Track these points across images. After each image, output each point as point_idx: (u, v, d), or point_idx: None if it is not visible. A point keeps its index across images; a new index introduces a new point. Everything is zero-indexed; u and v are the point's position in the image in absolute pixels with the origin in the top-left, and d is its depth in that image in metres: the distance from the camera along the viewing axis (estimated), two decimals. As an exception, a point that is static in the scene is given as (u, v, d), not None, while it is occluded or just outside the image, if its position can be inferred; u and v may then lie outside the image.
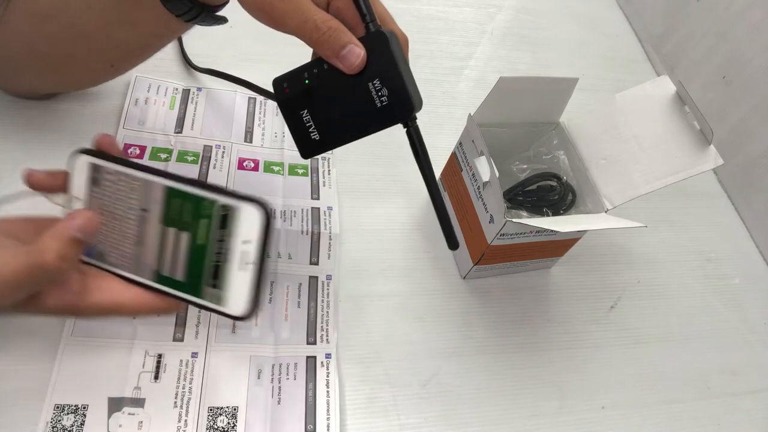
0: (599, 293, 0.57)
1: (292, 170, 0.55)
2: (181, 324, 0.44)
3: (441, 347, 0.50)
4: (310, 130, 0.39)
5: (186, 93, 0.57)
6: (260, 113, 0.59)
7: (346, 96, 0.37)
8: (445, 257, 0.55)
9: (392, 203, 0.57)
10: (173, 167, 0.51)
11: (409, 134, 0.37)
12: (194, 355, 0.43)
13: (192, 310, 0.44)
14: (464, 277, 0.54)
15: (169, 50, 0.61)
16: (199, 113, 0.56)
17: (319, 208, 0.54)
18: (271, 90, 0.39)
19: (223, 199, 0.33)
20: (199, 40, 0.61)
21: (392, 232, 0.55)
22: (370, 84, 0.36)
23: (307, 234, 0.52)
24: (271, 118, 0.59)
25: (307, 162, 0.56)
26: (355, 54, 0.35)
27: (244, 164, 0.54)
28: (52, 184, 0.36)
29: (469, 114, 0.49)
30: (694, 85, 0.74)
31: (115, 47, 0.43)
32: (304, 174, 0.55)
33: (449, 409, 0.47)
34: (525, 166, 0.55)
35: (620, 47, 0.84)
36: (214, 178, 0.52)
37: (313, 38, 0.35)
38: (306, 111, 0.38)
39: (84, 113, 0.53)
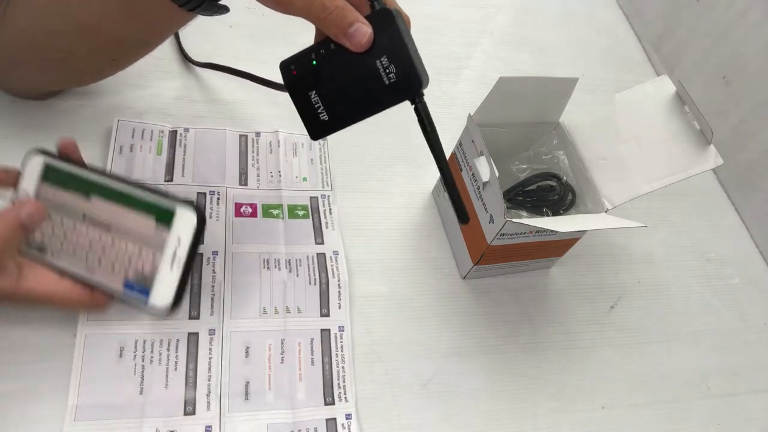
0: (599, 293, 0.57)
1: (292, 212, 0.53)
2: (191, 395, 0.42)
3: (441, 347, 0.50)
4: (319, 111, 0.38)
5: (173, 135, 0.54)
6: (253, 152, 0.55)
7: (354, 75, 0.37)
8: (445, 257, 0.55)
9: (392, 203, 0.57)
10: None
11: (416, 110, 0.37)
12: (208, 428, 0.41)
13: (201, 381, 0.43)
14: (464, 277, 0.54)
15: (168, 49, 0.61)
16: (189, 156, 0.53)
17: (324, 254, 0.51)
18: (271, 81, 0.39)
19: (162, 202, 0.38)
20: (199, 40, 0.61)
21: (392, 232, 0.55)
22: (378, 61, 0.36)
23: (314, 284, 0.49)
24: (265, 156, 0.55)
25: (307, 202, 0.54)
26: (362, 32, 0.35)
27: (242, 210, 0.51)
28: (4, 179, 0.40)
29: (469, 114, 0.49)
30: (694, 85, 0.74)
31: (116, 41, 0.43)
32: (305, 216, 0.53)
33: (449, 409, 0.47)
34: (525, 166, 0.55)
35: (620, 47, 0.84)
36: (210, 228, 0.50)
37: (320, 18, 0.35)
38: (314, 92, 0.38)
39: (84, 113, 0.53)
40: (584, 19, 0.85)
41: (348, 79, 0.37)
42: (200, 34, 0.62)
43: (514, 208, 0.54)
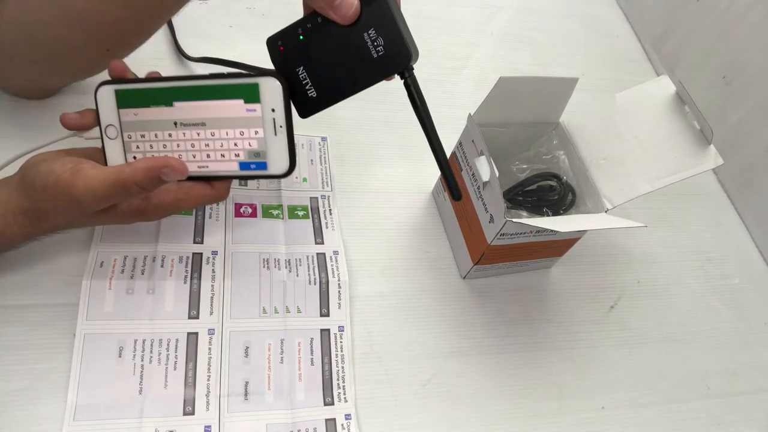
0: (599, 293, 0.57)
1: (292, 212, 0.53)
2: (190, 395, 0.42)
3: (441, 347, 0.50)
4: (307, 87, 0.38)
5: None
6: None
7: (342, 49, 0.36)
8: (445, 257, 0.55)
9: (392, 203, 0.57)
10: (167, 220, 0.48)
11: (406, 84, 0.36)
12: (207, 428, 0.41)
13: (201, 381, 0.43)
14: (464, 277, 0.54)
15: (167, 49, 0.61)
16: None
17: (324, 254, 0.51)
18: (262, 68, 0.39)
19: (242, 81, 0.38)
20: (198, 41, 0.61)
21: (392, 232, 0.55)
22: (365, 34, 0.35)
23: (314, 283, 0.49)
24: None
25: (307, 202, 0.54)
26: (348, 4, 0.35)
27: (241, 210, 0.51)
28: (83, 123, 0.41)
29: (469, 114, 0.49)
30: (694, 85, 0.74)
31: (109, 29, 0.43)
32: (305, 216, 0.53)
33: (449, 409, 0.47)
34: (525, 166, 0.55)
35: (620, 47, 0.84)
36: (210, 228, 0.50)
37: None
38: (302, 68, 0.38)
39: (84, 113, 0.53)
40: (584, 19, 0.85)
41: (335, 53, 0.37)
42: (200, 34, 0.62)
43: (514, 208, 0.54)
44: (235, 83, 0.38)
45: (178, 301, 0.45)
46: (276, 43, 0.38)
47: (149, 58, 0.47)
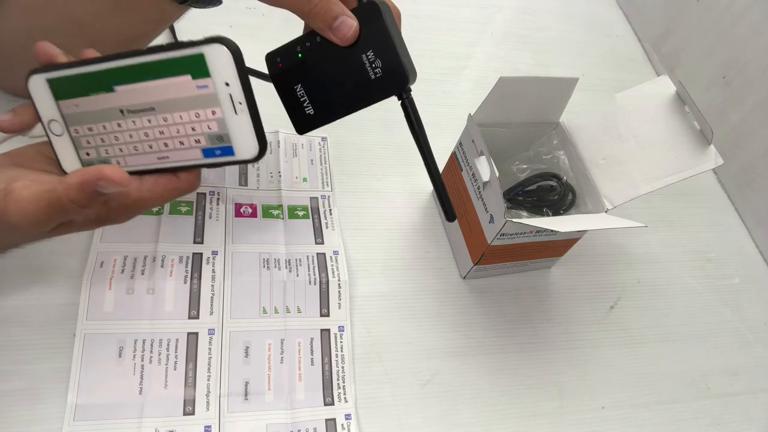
0: (599, 293, 0.57)
1: (292, 212, 0.53)
2: (190, 395, 0.42)
3: (441, 347, 0.50)
4: (305, 104, 0.38)
5: None
6: None
7: (340, 69, 0.36)
8: (445, 257, 0.55)
9: (392, 203, 0.57)
10: (167, 220, 0.49)
11: (403, 106, 0.37)
12: (207, 429, 0.41)
13: (201, 381, 0.42)
14: (464, 277, 0.54)
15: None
16: None
17: (324, 254, 0.51)
18: (261, 72, 0.39)
19: (184, 53, 0.32)
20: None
21: (392, 232, 0.55)
22: (364, 56, 0.35)
23: (314, 283, 0.49)
24: (266, 156, 0.55)
25: (307, 202, 0.54)
26: (348, 25, 0.35)
27: (242, 210, 0.51)
28: (21, 122, 0.36)
29: (469, 114, 0.49)
30: (694, 85, 0.74)
31: (109, 36, 0.43)
32: (305, 216, 0.53)
33: (449, 409, 0.47)
34: (525, 166, 0.55)
35: (620, 47, 0.84)
36: (210, 228, 0.49)
37: (305, 10, 0.35)
38: (300, 85, 0.38)
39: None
40: (584, 19, 0.85)
41: (334, 73, 0.37)
42: (200, 34, 0.62)
43: (514, 208, 0.54)
44: (176, 56, 0.33)
45: (178, 301, 0.45)
46: (274, 59, 0.38)
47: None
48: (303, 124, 0.39)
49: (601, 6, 0.89)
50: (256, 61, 0.64)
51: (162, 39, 0.50)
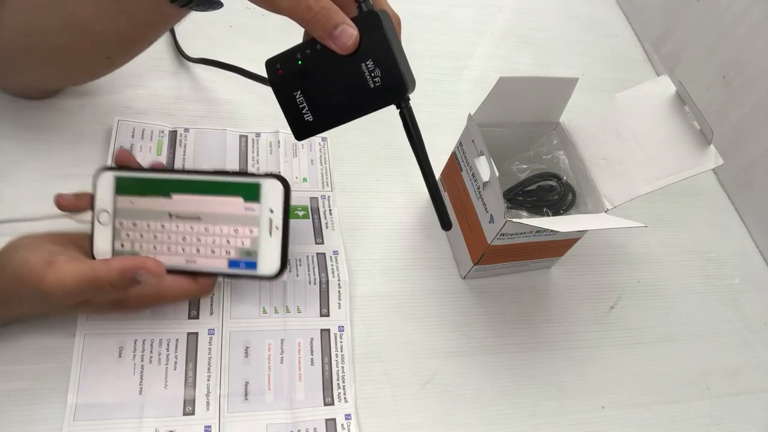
0: (599, 293, 0.57)
1: (292, 212, 0.52)
2: (190, 395, 0.42)
3: (441, 347, 0.50)
4: (304, 111, 0.38)
5: (173, 135, 0.54)
6: (253, 152, 0.55)
7: (339, 77, 0.36)
8: (445, 257, 0.55)
9: (392, 203, 0.57)
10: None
11: (402, 115, 0.37)
12: (207, 429, 0.41)
13: (201, 381, 0.43)
14: (464, 277, 0.54)
15: (167, 50, 0.61)
16: (189, 157, 0.53)
17: (324, 254, 0.51)
18: (262, 76, 0.39)
19: (244, 180, 0.39)
20: (198, 41, 0.61)
21: (392, 232, 0.55)
22: (363, 65, 0.35)
23: (314, 283, 0.49)
24: (265, 157, 0.55)
25: (307, 203, 0.54)
26: (348, 34, 0.35)
27: None
28: (77, 205, 0.41)
29: (469, 114, 0.49)
30: (694, 85, 0.74)
31: (110, 37, 0.43)
32: (305, 216, 0.53)
33: (449, 409, 0.47)
34: (525, 166, 0.55)
35: (620, 47, 0.84)
36: None
37: (306, 18, 0.35)
38: (299, 92, 0.38)
39: (84, 112, 0.53)
40: (584, 19, 0.85)
41: (333, 81, 0.37)
42: (200, 34, 0.62)
43: (514, 208, 0.54)
44: (237, 181, 0.39)
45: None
46: (275, 66, 0.38)
47: (149, 58, 0.47)
48: (302, 130, 0.39)
49: (601, 6, 0.89)
50: (256, 61, 0.64)
51: (162, 41, 0.50)
